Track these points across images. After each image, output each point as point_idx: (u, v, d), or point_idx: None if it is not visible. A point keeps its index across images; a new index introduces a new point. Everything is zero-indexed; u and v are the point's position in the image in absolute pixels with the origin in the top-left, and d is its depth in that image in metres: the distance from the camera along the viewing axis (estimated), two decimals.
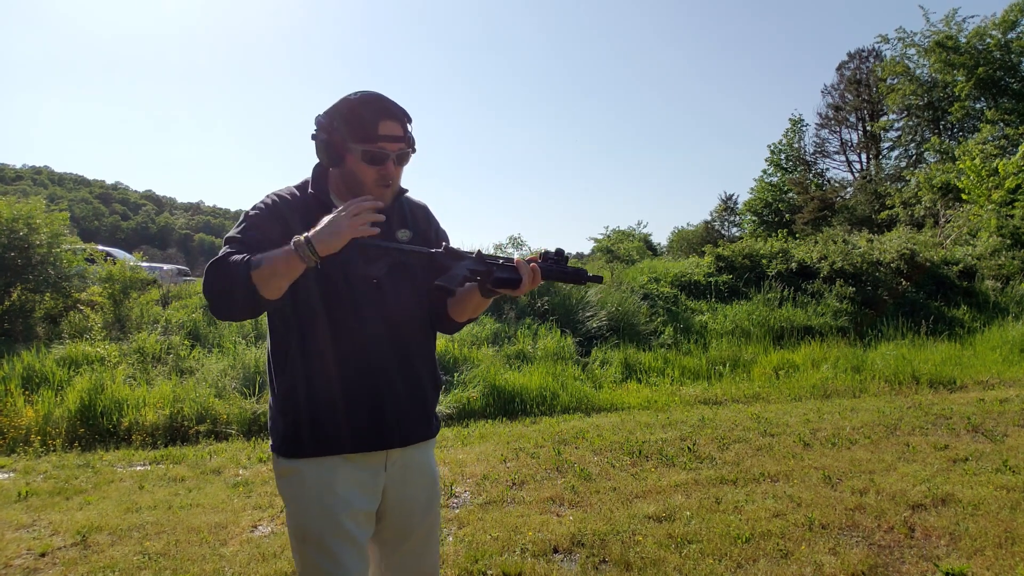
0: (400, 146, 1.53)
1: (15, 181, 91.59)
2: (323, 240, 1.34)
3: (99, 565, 3.08)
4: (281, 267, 1.35)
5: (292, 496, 1.55)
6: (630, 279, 10.87)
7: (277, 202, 1.55)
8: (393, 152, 1.52)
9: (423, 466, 1.67)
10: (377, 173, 1.52)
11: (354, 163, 1.53)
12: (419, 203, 1.76)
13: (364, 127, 1.50)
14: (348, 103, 1.53)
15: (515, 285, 1.55)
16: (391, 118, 1.52)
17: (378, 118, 1.51)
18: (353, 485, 1.55)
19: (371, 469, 1.57)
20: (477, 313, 1.70)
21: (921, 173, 20.15)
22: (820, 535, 3.13)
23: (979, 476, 3.89)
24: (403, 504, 1.63)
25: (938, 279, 11.77)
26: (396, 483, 1.61)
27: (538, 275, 1.56)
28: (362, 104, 1.52)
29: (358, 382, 1.54)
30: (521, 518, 3.48)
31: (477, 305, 1.66)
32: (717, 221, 33.44)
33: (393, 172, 1.55)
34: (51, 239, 9.06)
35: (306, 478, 1.53)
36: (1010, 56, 22.19)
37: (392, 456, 1.60)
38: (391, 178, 1.55)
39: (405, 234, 1.63)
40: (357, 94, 1.53)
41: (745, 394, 7.00)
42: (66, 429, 5.59)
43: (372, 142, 1.50)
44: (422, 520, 1.66)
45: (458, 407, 6.36)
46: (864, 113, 32.35)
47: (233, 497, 4.06)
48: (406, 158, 1.58)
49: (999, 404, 5.88)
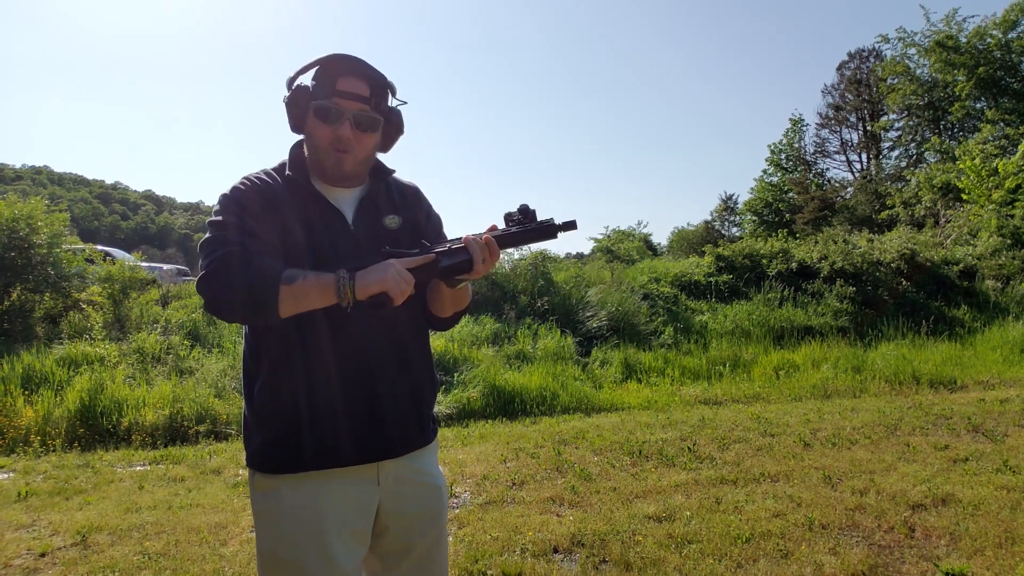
0: (359, 106, 1.37)
1: (15, 181, 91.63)
2: (365, 286, 1.25)
3: (99, 565, 3.08)
4: (315, 293, 1.25)
5: (269, 516, 1.39)
6: (630, 279, 10.87)
7: (259, 185, 1.40)
8: (349, 111, 1.37)
9: (422, 476, 1.51)
10: (332, 134, 1.37)
11: (312, 122, 1.39)
12: (408, 184, 1.61)
13: (323, 83, 1.38)
14: (319, 61, 1.40)
15: (468, 268, 1.35)
16: (357, 76, 1.38)
17: (340, 73, 1.37)
18: (341, 502, 1.39)
19: (362, 483, 1.42)
20: (462, 304, 1.53)
21: (921, 173, 20.14)
22: (820, 535, 3.13)
23: (979, 476, 3.88)
24: (402, 518, 1.48)
25: (938, 279, 11.76)
26: (391, 496, 1.46)
27: (494, 247, 1.36)
28: (330, 60, 1.39)
29: (347, 392, 1.39)
30: (521, 518, 3.48)
31: (454, 297, 1.48)
32: (717, 221, 33.43)
33: (349, 136, 1.38)
34: (51, 239, 9.06)
35: (286, 497, 1.37)
36: (1010, 56, 22.17)
37: (385, 468, 1.45)
38: (347, 142, 1.38)
39: (394, 220, 1.50)
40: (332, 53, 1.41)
41: (745, 394, 7.00)
42: (66, 429, 5.59)
43: (327, 97, 1.37)
44: (424, 534, 1.51)
45: (458, 407, 6.36)
46: (864, 113, 32.35)
47: (233, 497, 4.06)
48: (372, 125, 1.41)
49: (999, 404, 5.88)
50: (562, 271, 10.78)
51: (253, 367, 1.44)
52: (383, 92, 1.43)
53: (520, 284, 9.86)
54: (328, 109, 1.37)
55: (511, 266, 10.17)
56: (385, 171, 1.55)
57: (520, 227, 1.39)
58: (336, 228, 1.43)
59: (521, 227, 1.39)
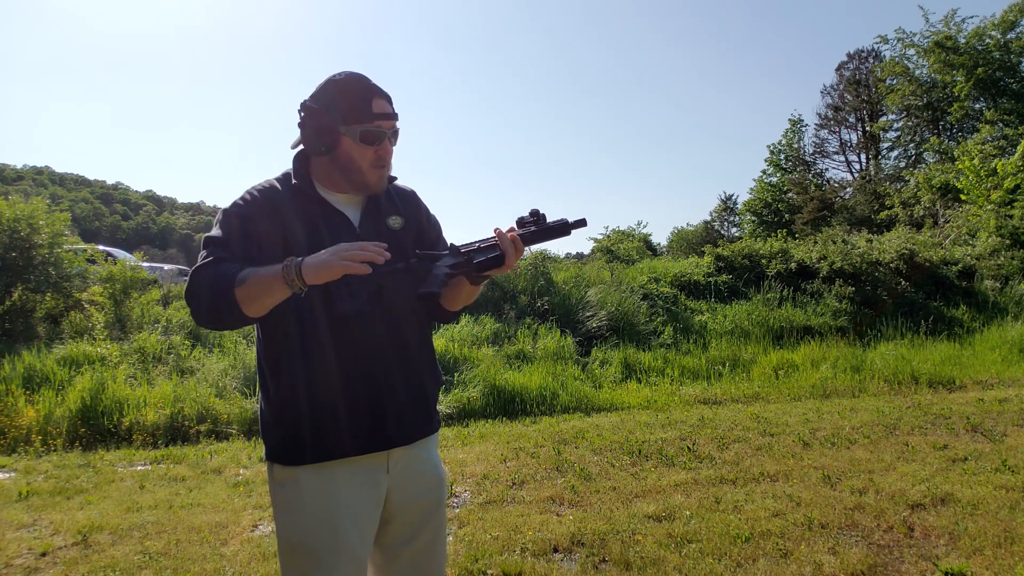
0: (393, 123, 1.52)
1: (16, 181, 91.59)
2: (312, 270, 1.29)
3: (100, 565, 3.08)
4: (264, 288, 1.30)
5: (288, 505, 1.47)
6: (630, 279, 10.87)
7: (260, 198, 1.48)
8: (388, 130, 1.51)
9: (427, 464, 1.60)
10: (375, 154, 1.50)
11: (350, 145, 1.48)
12: (407, 189, 1.72)
13: (357, 107, 1.47)
14: (336, 85, 1.48)
15: (499, 263, 1.49)
16: (380, 96, 1.51)
17: (370, 96, 1.48)
18: (355, 491, 1.48)
19: (373, 472, 1.51)
20: (471, 299, 1.66)
21: (920, 173, 20.14)
22: (819, 535, 3.14)
23: (978, 476, 3.89)
24: (409, 506, 1.56)
25: (937, 279, 11.77)
26: (400, 484, 1.55)
27: (519, 244, 1.49)
28: (350, 84, 1.48)
29: (359, 383, 1.47)
30: (521, 518, 3.48)
31: (469, 292, 1.61)
32: (717, 221, 33.43)
33: (390, 151, 1.53)
34: (52, 239, 9.07)
35: (305, 486, 1.46)
36: (1009, 56, 22.18)
37: (394, 456, 1.54)
38: (388, 157, 1.53)
39: (397, 221, 1.60)
40: (341, 75, 1.49)
41: (745, 394, 7.01)
42: (67, 429, 5.60)
43: (368, 121, 1.47)
44: (428, 522, 1.59)
45: (458, 407, 6.37)
46: (863, 113, 32.36)
47: (234, 496, 4.07)
48: (397, 136, 1.56)
49: (998, 404, 5.89)
50: (562, 271, 10.78)
51: (267, 365, 1.51)
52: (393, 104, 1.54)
53: (520, 284, 9.87)
54: (375, 133, 1.48)
55: None
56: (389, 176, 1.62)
57: (537, 226, 1.53)
58: (342, 231, 1.51)
59: (538, 226, 1.53)
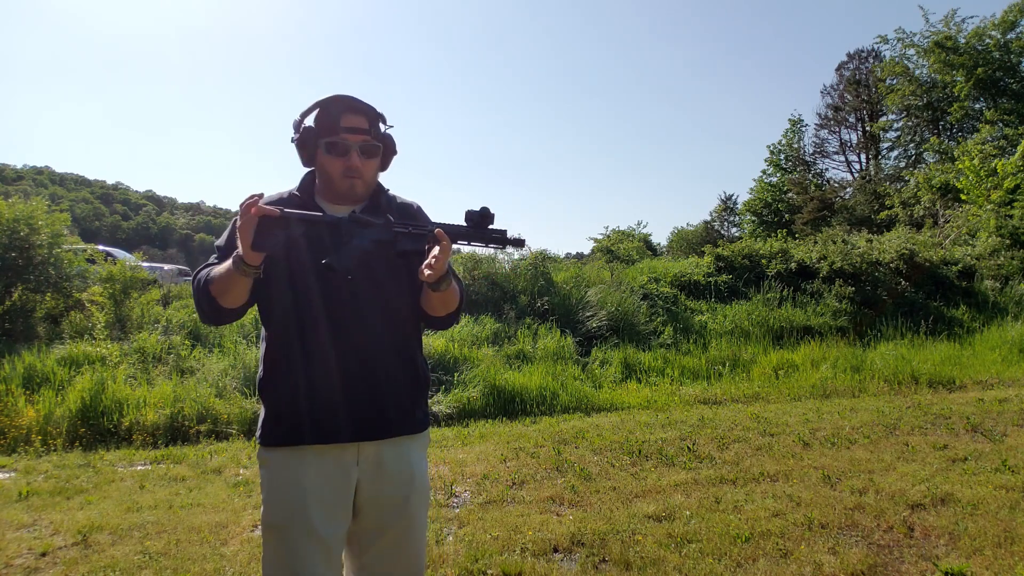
0: (363, 138, 1.58)
1: (16, 181, 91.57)
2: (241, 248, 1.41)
3: (100, 565, 3.08)
4: (226, 279, 1.46)
5: (264, 484, 1.59)
6: (630, 279, 10.87)
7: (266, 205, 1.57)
8: (355, 143, 1.57)
9: (401, 463, 1.63)
10: (343, 164, 1.58)
11: (322, 157, 1.60)
12: (408, 202, 1.75)
13: (327, 122, 1.58)
14: (319, 103, 1.60)
15: (420, 256, 1.47)
16: (355, 112, 1.59)
17: (341, 111, 1.58)
18: (324, 477, 1.56)
19: (341, 462, 1.58)
20: (451, 305, 1.63)
21: (920, 173, 20.15)
22: (819, 534, 3.14)
23: (978, 476, 3.90)
24: (376, 500, 1.61)
25: (937, 279, 11.78)
26: (369, 478, 1.60)
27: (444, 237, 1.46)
28: (329, 102, 1.60)
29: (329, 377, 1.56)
30: (521, 518, 3.48)
31: (441, 298, 1.57)
32: (717, 221, 33.42)
33: (358, 164, 1.59)
34: (52, 239, 9.05)
35: (277, 466, 1.58)
36: (1009, 56, 22.19)
37: (364, 451, 1.59)
38: (357, 170, 1.59)
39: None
40: (330, 95, 1.61)
41: (745, 394, 7.01)
42: (67, 429, 5.59)
43: (335, 133, 1.57)
44: (397, 519, 1.63)
45: (458, 407, 6.37)
46: (863, 113, 32.36)
47: (234, 496, 4.06)
48: (373, 152, 1.62)
49: (998, 404, 5.89)
50: (562, 271, 10.78)
51: (261, 352, 1.64)
52: (376, 122, 1.63)
53: (520, 284, 9.87)
54: (337, 144, 1.58)
55: (511, 266, 10.17)
56: (380, 189, 1.71)
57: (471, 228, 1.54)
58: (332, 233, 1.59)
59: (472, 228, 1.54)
